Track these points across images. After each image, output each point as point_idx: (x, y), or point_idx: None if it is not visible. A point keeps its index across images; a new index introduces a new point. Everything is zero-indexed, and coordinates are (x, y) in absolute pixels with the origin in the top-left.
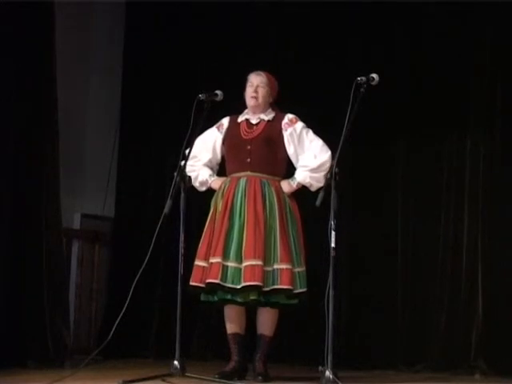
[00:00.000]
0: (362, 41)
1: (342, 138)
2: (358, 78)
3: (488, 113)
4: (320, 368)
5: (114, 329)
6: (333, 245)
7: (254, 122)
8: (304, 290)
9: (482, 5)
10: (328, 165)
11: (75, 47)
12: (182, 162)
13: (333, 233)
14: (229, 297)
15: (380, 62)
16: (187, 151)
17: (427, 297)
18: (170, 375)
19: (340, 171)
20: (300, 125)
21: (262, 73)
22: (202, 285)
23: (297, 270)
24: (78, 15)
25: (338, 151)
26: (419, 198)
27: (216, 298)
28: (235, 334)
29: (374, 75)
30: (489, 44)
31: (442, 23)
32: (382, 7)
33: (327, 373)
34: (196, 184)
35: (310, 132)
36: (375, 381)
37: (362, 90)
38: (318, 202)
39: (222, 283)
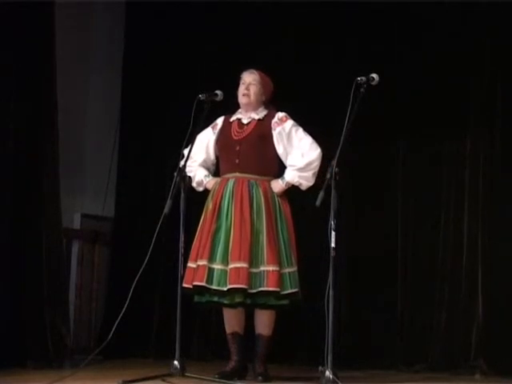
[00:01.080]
0: (361, 41)
1: (342, 137)
2: (358, 78)
3: (488, 113)
4: (320, 368)
5: (114, 329)
6: (333, 245)
7: (245, 121)
8: (295, 290)
9: (482, 5)
10: (316, 163)
11: (75, 47)
12: (182, 162)
13: (333, 233)
14: (215, 299)
15: (380, 61)
16: (186, 151)
17: (427, 297)
18: (170, 375)
19: (340, 171)
20: (289, 123)
21: (254, 71)
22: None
23: (287, 270)
24: (78, 15)
25: (338, 151)
26: (419, 198)
27: (204, 300)
28: (234, 334)
29: (374, 75)
30: (489, 44)
31: (442, 23)
32: (381, 7)
33: (327, 373)
34: (193, 184)
35: (300, 130)
36: (375, 381)
37: (362, 90)
38: (317, 202)
39: (207, 286)
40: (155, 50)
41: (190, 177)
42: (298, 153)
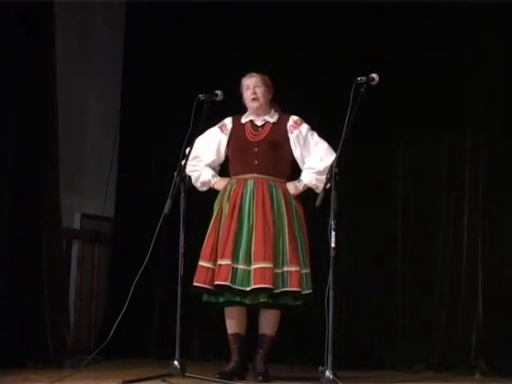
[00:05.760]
0: (362, 41)
1: (342, 137)
2: (358, 78)
3: (488, 113)
4: (320, 368)
5: (114, 329)
6: (333, 245)
7: (259, 123)
8: (310, 291)
9: (482, 5)
10: None
11: (75, 47)
12: (183, 162)
13: (333, 233)
14: (237, 299)
15: (380, 61)
16: (187, 150)
17: (427, 297)
18: (170, 375)
19: (340, 171)
20: (305, 127)
21: (254, 73)
22: (206, 286)
23: (304, 271)
24: (77, 15)
25: (338, 151)
26: (419, 198)
27: (221, 300)
28: (236, 334)
29: (374, 75)
30: (489, 44)
31: (442, 23)
32: (382, 7)
33: (327, 373)
34: (197, 184)
35: (315, 134)
36: (375, 381)
37: (362, 90)
38: (317, 202)
39: (231, 285)
40: (155, 49)
41: (190, 177)
42: (317, 156)
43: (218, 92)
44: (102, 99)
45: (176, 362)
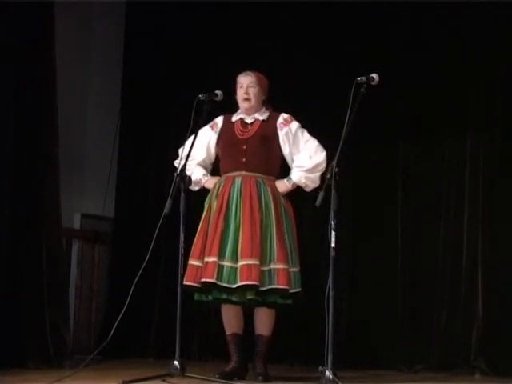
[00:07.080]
0: (362, 41)
1: (342, 137)
2: (358, 78)
3: (488, 113)
4: (320, 368)
5: (113, 329)
6: (333, 245)
7: (248, 121)
8: (299, 289)
9: (482, 5)
10: (323, 165)
11: (75, 47)
12: (182, 162)
13: (333, 233)
14: (224, 296)
15: (380, 62)
16: (180, 150)
17: (427, 297)
18: (170, 375)
19: (340, 171)
20: (295, 124)
21: (250, 72)
22: (196, 284)
23: (292, 269)
24: (77, 15)
25: (338, 151)
26: (419, 198)
27: (210, 298)
28: (234, 335)
29: (374, 75)
30: (489, 44)
31: (441, 23)
32: (382, 7)
33: (327, 373)
34: None
35: (305, 132)
36: (375, 381)
37: (362, 89)
38: (317, 202)
39: (217, 282)
40: (155, 50)
41: (190, 177)
42: (306, 154)
43: (218, 92)
44: (102, 99)
45: (176, 362)
